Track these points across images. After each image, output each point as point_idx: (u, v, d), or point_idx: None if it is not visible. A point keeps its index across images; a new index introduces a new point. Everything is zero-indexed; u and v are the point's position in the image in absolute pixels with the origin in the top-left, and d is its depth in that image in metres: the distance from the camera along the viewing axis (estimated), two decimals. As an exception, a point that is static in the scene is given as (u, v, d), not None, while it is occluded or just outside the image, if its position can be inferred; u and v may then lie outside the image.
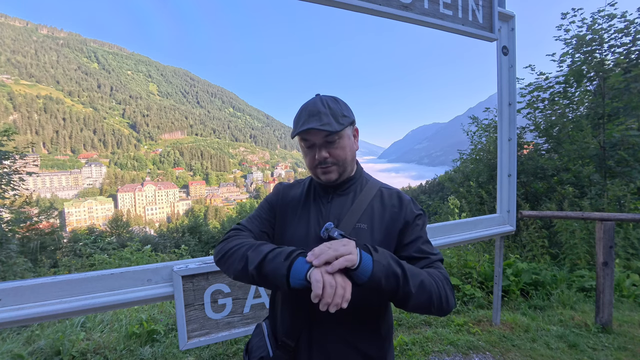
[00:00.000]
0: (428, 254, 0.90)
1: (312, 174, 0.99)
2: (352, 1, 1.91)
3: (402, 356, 2.52)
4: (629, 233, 4.44)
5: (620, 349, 2.54)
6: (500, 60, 2.67)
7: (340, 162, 0.93)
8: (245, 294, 1.75)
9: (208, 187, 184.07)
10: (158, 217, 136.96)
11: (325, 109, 0.90)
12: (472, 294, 3.45)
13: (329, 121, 0.88)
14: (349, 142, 0.94)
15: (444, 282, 0.82)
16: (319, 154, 0.91)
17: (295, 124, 0.93)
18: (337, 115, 0.90)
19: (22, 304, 1.35)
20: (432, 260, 0.88)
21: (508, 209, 2.72)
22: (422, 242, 0.92)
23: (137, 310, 3.26)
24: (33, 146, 28.64)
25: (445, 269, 0.88)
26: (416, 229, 0.93)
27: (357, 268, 0.70)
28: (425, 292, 0.76)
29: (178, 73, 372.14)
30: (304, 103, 0.95)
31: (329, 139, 0.90)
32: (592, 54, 5.99)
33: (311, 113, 0.90)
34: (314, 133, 0.89)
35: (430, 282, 0.78)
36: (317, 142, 0.91)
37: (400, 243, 0.92)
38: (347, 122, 0.92)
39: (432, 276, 0.81)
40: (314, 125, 0.86)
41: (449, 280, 0.84)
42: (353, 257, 0.69)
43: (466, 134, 7.76)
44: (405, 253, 0.90)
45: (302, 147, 0.95)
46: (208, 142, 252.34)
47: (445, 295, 0.80)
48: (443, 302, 0.79)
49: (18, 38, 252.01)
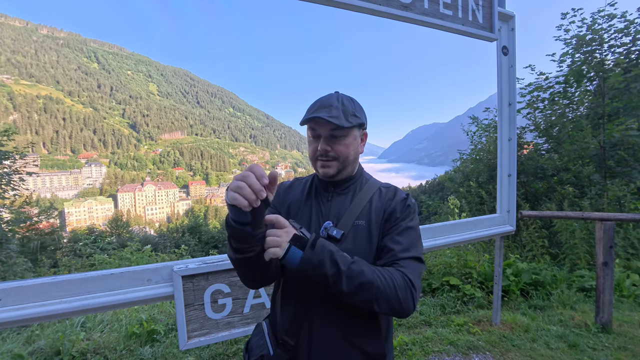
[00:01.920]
0: (395, 249, 0.87)
1: (312, 165, 1.00)
2: (352, 1, 1.91)
3: (402, 356, 2.52)
4: (629, 233, 4.44)
5: (620, 349, 2.54)
6: (500, 60, 2.67)
7: (340, 158, 0.93)
8: (245, 294, 1.75)
9: (208, 187, 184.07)
10: (158, 217, 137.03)
11: (338, 104, 0.91)
12: (472, 294, 3.45)
13: (337, 115, 0.89)
14: (353, 142, 0.95)
15: (400, 285, 0.79)
16: (321, 145, 0.92)
17: (306, 112, 0.94)
18: (347, 113, 0.91)
19: (22, 304, 1.35)
20: (398, 257, 0.85)
21: (508, 209, 2.72)
22: (398, 232, 0.89)
23: (137, 310, 3.27)
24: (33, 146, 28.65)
25: (415, 269, 0.85)
26: (401, 222, 0.91)
27: (282, 259, 0.78)
28: (365, 293, 0.77)
29: (178, 73, 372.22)
30: (322, 96, 0.96)
31: (335, 133, 0.91)
32: (592, 54, 5.99)
33: (323, 104, 0.91)
34: (321, 124, 0.91)
35: (377, 284, 0.77)
36: (322, 134, 0.92)
37: (382, 231, 0.92)
38: (356, 123, 0.93)
39: (383, 278, 0.79)
40: (321, 115, 0.88)
41: (412, 282, 0.81)
42: (277, 250, 0.77)
43: (466, 134, 7.76)
44: (381, 243, 0.90)
45: (308, 137, 0.97)
46: (208, 142, 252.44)
47: (397, 299, 0.78)
48: (394, 304, 0.79)
49: (18, 38, 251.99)
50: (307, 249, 0.77)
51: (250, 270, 0.87)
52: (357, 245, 0.90)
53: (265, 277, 0.91)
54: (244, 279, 0.92)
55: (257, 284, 0.94)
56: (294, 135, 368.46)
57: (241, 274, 0.91)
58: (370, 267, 0.81)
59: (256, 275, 0.89)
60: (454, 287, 3.63)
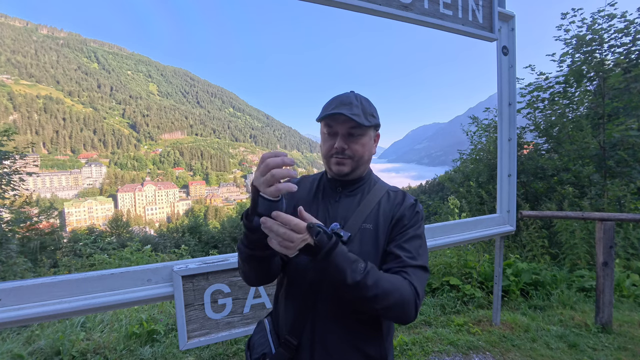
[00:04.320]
0: (402, 256, 0.87)
1: (325, 163, 0.99)
2: (352, 1, 1.91)
3: (402, 356, 2.52)
4: (629, 233, 4.44)
5: (620, 349, 2.54)
6: (500, 60, 2.67)
7: (356, 157, 0.93)
8: (245, 294, 1.75)
9: (208, 187, 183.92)
10: (158, 217, 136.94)
11: (357, 102, 0.91)
12: (472, 294, 3.45)
13: (358, 113, 0.89)
14: (369, 142, 0.95)
15: (406, 294, 0.80)
16: (338, 143, 0.91)
17: (324, 109, 0.93)
18: (366, 113, 0.91)
19: (22, 304, 1.35)
20: (405, 265, 0.86)
21: (508, 209, 2.73)
22: (406, 240, 0.90)
23: (137, 310, 3.26)
24: (33, 146, 28.65)
25: (420, 278, 0.85)
26: (409, 229, 0.92)
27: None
28: (373, 304, 0.78)
29: (178, 73, 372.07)
30: (338, 94, 0.96)
31: (353, 131, 0.91)
32: (592, 54, 5.98)
33: (342, 102, 0.91)
34: (340, 121, 0.90)
35: (386, 295, 0.77)
36: (340, 131, 0.91)
37: (389, 239, 0.92)
38: (374, 123, 0.93)
39: (391, 287, 0.79)
40: (343, 111, 0.87)
41: (417, 291, 0.82)
42: (287, 251, 0.74)
43: (466, 134, 7.75)
44: (387, 248, 0.90)
45: (323, 134, 0.95)
46: (208, 142, 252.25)
47: (402, 308, 0.79)
48: (398, 313, 0.80)
49: (18, 38, 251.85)
50: (319, 260, 0.74)
51: (261, 267, 0.87)
52: (364, 248, 0.89)
53: (271, 274, 0.92)
54: (249, 275, 0.91)
55: (260, 282, 0.93)
56: (294, 135, 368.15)
57: (248, 270, 0.89)
58: (380, 277, 0.79)
59: (264, 273, 0.90)
60: (454, 287, 3.63)
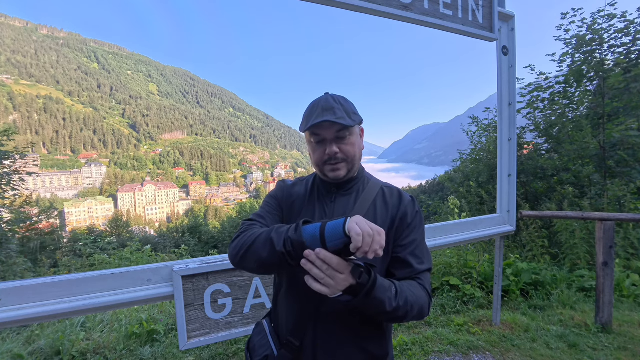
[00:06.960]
0: (414, 264, 0.91)
1: (319, 171, 0.98)
2: (352, 1, 1.91)
3: (402, 356, 2.52)
4: (629, 233, 4.44)
5: (620, 349, 2.54)
6: (500, 60, 2.67)
7: (349, 158, 0.93)
8: (245, 294, 1.75)
9: (208, 187, 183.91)
10: (158, 217, 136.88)
11: (338, 105, 0.91)
12: (472, 294, 3.45)
13: (342, 115, 0.89)
14: (357, 139, 0.96)
15: (423, 299, 0.86)
16: (329, 149, 0.91)
17: (306, 118, 0.93)
18: (349, 112, 0.92)
19: (22, 304, 1.35)
20: (417, 271, 0.90)
21: (508, 209, 2.72)
22: (415, 246, 0.93)
23: (137, 310, 3.26)
24: (33, 146, 28.63)
25: (429, 279, 0.92)
26: (413, 231, 0.94)
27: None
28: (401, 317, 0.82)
29: (178, 73, 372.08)
30: (315, 100, 0.95)
31: (341, 134, 0.91)
32: (592, 54, 5.98)
33: (325, 108, 0.91)
34: (327, 127, 0.90)
35: (413, 307, 0.82)
36: (328, 137, 0.91)
37: (395, 241, 0.92)
38: (358, 120, 0.94)
39: (415, 298, 0.83)
40: (329, 118, 0.87)
41: (429, 294, 0.89)
42: (325, 290, 0.72)
43: (466, 134, 7.75)
44: (396, 254, 0.92)
45: (311, 143, 0.95)
46: (208, 142, 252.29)
47: (420, 312, 0.84)
48: (416, 317, 0.85)
49: (18, 38, 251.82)
50: (361, 298, 0.74)
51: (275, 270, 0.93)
52: None
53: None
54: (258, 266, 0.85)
55: (261, 272, 0.93)
56: (294, 135, 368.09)
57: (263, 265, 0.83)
58: (404, 291, 0.81)
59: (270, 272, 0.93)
60: (454, 287, 3.63)
